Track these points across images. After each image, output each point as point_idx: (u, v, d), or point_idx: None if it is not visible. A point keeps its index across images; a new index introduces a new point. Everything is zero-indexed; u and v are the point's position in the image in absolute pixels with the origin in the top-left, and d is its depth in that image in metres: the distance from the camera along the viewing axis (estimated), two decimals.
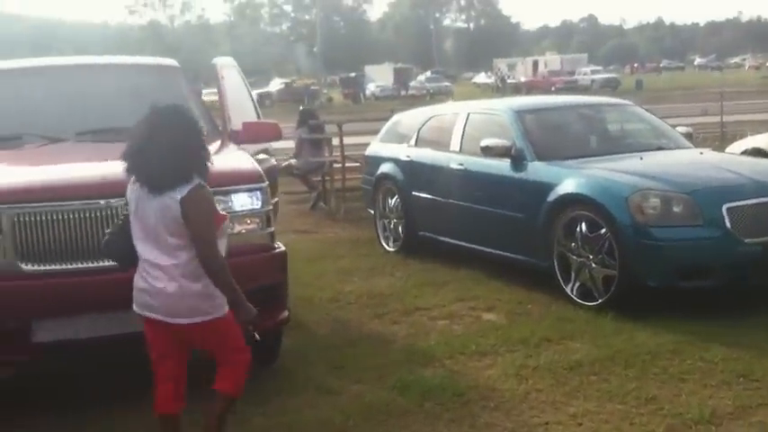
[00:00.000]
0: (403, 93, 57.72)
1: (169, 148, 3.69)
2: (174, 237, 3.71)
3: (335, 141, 12.25)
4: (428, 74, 68.71)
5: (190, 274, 3.72)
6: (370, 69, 70.28)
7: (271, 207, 5.13)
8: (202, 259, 3.69)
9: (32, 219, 4.52)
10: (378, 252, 8.99)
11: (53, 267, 4.56)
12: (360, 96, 54.52)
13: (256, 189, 5.03)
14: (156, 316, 3.79)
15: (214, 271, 3.72)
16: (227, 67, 6.95)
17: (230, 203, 4.91)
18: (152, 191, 3.70)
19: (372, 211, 9.46)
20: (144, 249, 3.77)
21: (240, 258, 4.84)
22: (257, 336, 3.92)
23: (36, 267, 4.54)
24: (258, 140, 6.38)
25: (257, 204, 5.03)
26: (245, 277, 4.78)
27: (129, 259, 3.84)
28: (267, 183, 5.14)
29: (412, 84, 61.49)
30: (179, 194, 3.69)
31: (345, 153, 12.01)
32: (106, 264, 4.54)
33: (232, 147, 5.82)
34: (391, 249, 8.99)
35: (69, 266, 4.58)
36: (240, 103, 7.17)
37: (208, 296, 3.77)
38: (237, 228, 4.96)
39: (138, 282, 3.83)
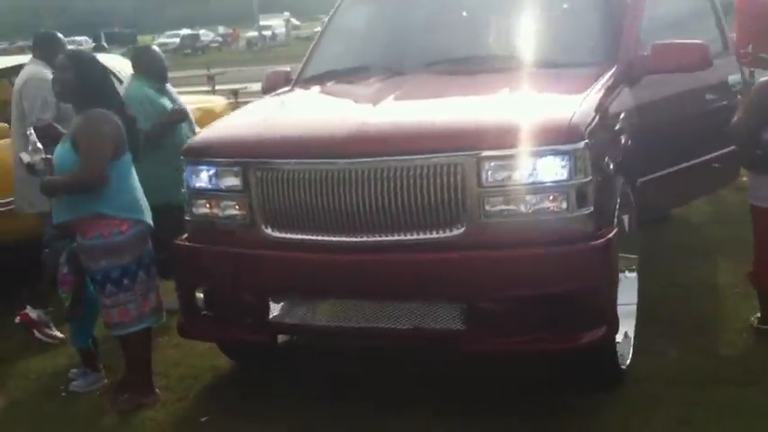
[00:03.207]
0: None
1: None
2: None
3: None
4: None
5: None
6: None
7: (589, 178, 3.50)
8: None
9: (280, 177, 3.70)
10: None
11: (300, 237, 3.70)
12: None
13: (562, 152, 3.46)
14: None
15: None
16: None
17: (514, 172, 3.46)
18: None
19: None
20: None
21: (529, 251, 3.46)
22: None
23: (281, 235, 3.74)
24: (670, 68, 4.55)
25: (563, 174, 3.46)
26: (532, 278, 3.45)
27: None
28: (585, 141, 3.50)
29: None
30: None
31: None
32: (359, 239, 3.59)
33: (601, 80, 4.18)
34: None
35: (317, 238, 3.67)
36: (685, 18, 5.30)
37: None
38: (530, 207, 3.49)
39: None
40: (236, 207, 3.84)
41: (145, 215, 4.09)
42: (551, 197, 3.49)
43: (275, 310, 3.81)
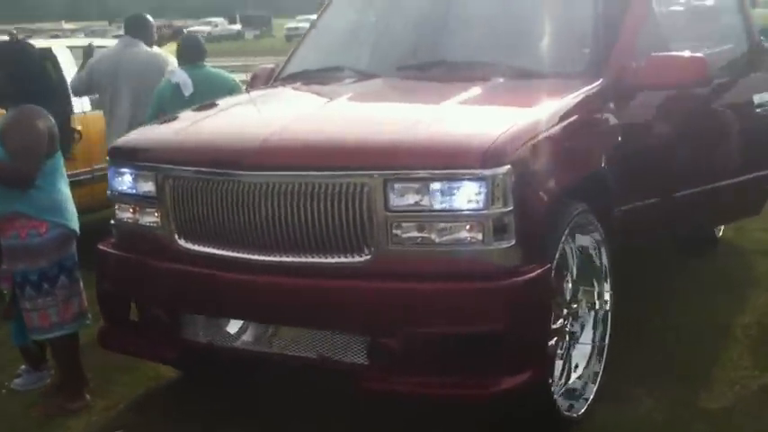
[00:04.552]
0: None
1: None
2: None
3: None
4: None
5: None
6: None
7: (509, 208, 3.10)
8: None
9: (189, 186, 3.47)
10: None
11: (209, 251, 3.46)
12: None
13: (478, 177, 3.07)
14: None
15: None
16: None
17: (426, 197, 3.10)
18: None
19: None
20: None
21: (437, 285, 3.11)
22: None
23: (193, 248, 3.51)
24: (665, 84, 4.06)
25: (479, 201, 3.08)
26: (439, 315, 3.12)
27: None
28: (508, 167, 3.10)
29: None
30: None
31: None
32: (263, 258, 3.32)
33: (570, 95, 3.77)
34: None
35: (224, 254, 3.40)
36: (705, 28, 4.76)
37: None
38: (443, 236, 3.13)
39: None
40: (152, 215, 3.63)
41: (67, 219, 3.94)
42: (467, 227, 3.11)
43: (187, 326, 3.60)
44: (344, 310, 3.21)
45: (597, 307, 3.90)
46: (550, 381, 3.39)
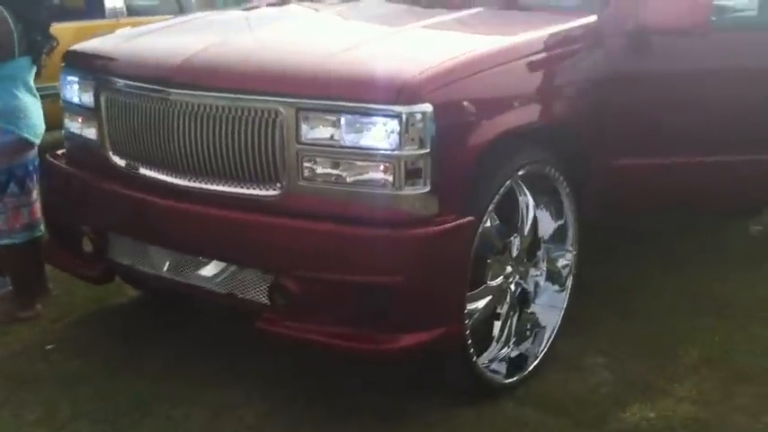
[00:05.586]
0: None
1: None
2: None
3: None
4: None
5: None
6: None
7: (425, 150, 2.81)
8: None
9: (120, 100, 3.32)
10: None
11: (142, 172, 3.29)
12: None
13: (392, 114, 2.79)
14: None
15: None
16: None
17: (338, 131, 2.85)
18: None
19: None
20: None
21: (337, 228, 2.89)
22: None
23: (123, 164, 3.37)
24: (659, 27, 3.62)
25: (392, 141, 2.80)
26: (337, 260, 2.91)
27: None
28: (428, 104, 2.80)
29: None
30: None
31: None
32: (180, 182, 3.16)
33: (544, 30, 3.41)
34: None
35: (148, 174, 3.26)
36: None
37: None
38: (354, 175, 2.87)
39: None
40: (91, 127, 3.51)
41: (20, 128, 3.86)
42: (381, 167, 2.84)
43: (112, 246, 3.50)
44: (249, 246, 3.02)
45: (560, 268, 3.60)
46: (470, 342, 3.12)
